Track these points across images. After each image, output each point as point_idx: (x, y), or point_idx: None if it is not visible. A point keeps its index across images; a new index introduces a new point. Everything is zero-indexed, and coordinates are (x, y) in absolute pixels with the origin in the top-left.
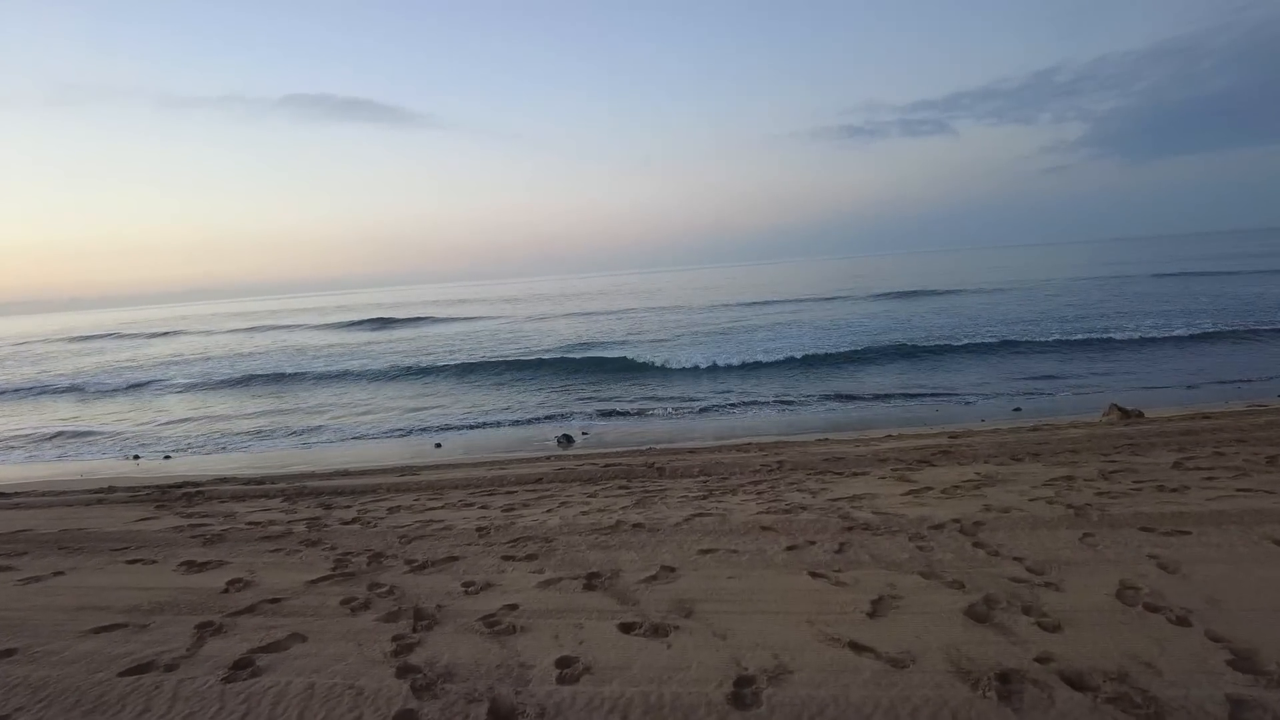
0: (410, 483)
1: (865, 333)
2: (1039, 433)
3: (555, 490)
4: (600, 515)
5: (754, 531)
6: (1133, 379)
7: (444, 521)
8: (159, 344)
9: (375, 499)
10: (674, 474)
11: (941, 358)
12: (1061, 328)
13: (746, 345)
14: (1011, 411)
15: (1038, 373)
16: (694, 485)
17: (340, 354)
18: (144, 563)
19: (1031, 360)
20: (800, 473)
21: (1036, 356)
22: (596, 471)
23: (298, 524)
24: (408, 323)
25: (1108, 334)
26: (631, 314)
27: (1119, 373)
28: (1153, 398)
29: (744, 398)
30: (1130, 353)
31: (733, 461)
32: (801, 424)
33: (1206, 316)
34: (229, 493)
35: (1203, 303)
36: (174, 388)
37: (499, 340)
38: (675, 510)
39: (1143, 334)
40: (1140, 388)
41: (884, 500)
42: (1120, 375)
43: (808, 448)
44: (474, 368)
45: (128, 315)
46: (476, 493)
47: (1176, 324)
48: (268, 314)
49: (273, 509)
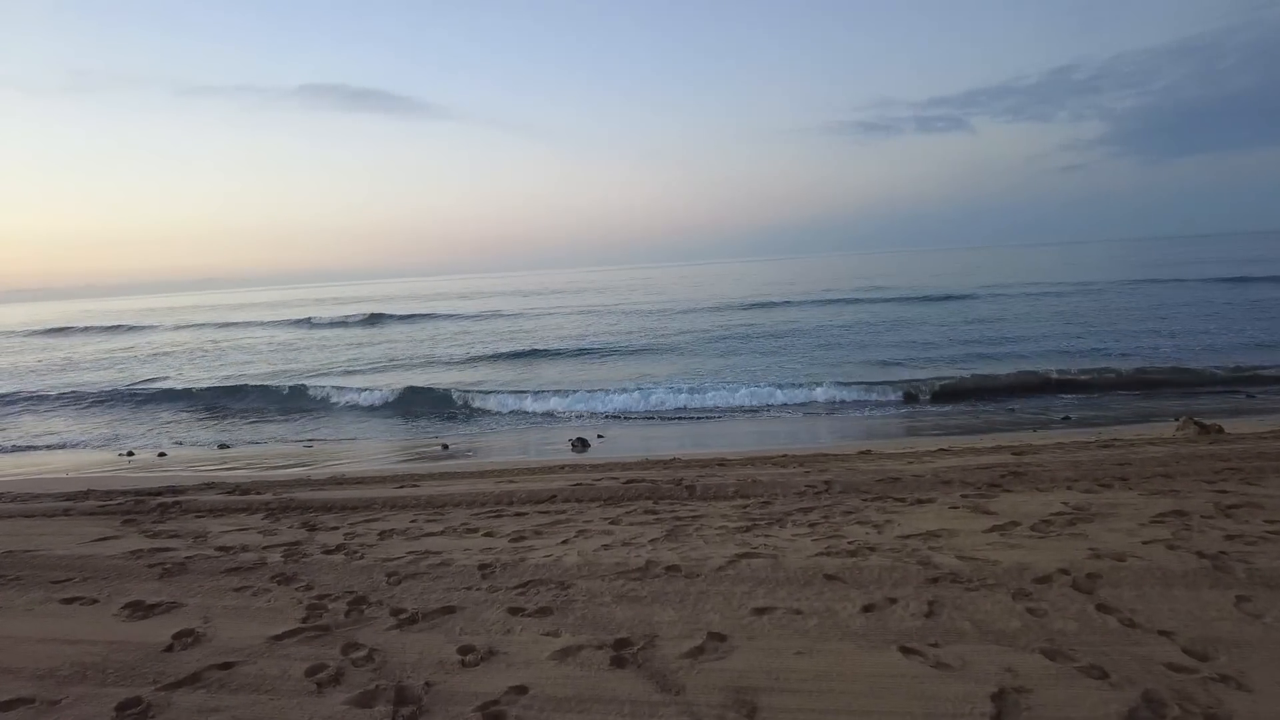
0: (408, 498)
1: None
2: (1114, 450)
3: (571, 512)
4: (626, 551)
5: (817, 581)
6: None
7: (442, 554)
8: (186, 334)
9: (367, 517)
10: (706, 494)
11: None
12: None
13: (780, 347)
14: (1060, 420)
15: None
16: (732, 511)
17: (336, 346)
18: (84, 602)
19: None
20: (854, 497)
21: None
22: (618, 489)
23: (274, 551)
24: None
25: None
26: (650, 313)
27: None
28: (1203, 406)
29: (766, 399)
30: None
31: (771, 480)
32: (838, 431)
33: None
34: (208, 505)
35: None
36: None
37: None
38: (716, 547)
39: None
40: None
41: (966, 539)
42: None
43: (852, 463)
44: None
45: (148, 303)
46: (481, 513)
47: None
48: (269, 306)
49: (251, 528)
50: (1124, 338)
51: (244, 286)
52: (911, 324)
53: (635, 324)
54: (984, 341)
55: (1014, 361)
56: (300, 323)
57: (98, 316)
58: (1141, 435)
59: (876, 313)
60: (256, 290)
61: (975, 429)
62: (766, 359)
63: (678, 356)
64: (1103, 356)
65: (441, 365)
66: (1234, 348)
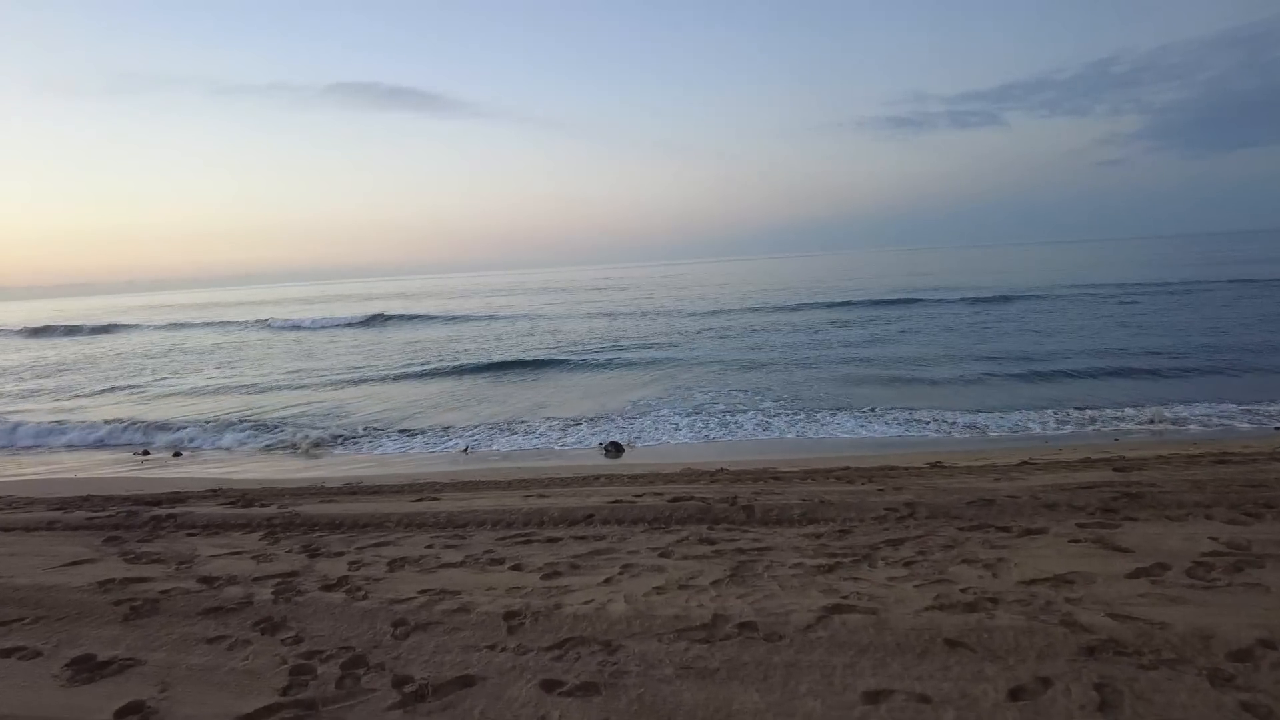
0: (427, 515)
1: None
2: (1234, 466)
3: (612, 539)
4: (684, 597)
5: (937, 649)
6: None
7: (460, 594)
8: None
9: (378, 539)
10: (768, 518)
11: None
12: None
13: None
14: (1114, 433)
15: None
16: (804, 541)
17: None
18: (24, 655)
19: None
20: (946, 524)
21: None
22: (664, 509)
23: (265, 585)
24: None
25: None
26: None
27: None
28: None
29: (806, 401)
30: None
31: (841, 499)
32: (891, 435)
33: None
34: (204, 519)
35: None
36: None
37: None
38: (795, 594)
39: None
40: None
41: (1108, 588)
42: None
43: (928, 479)
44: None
45: (199, 297)
46: (508, 537)
47: None
48: (296, 301)
49: (245, 551)
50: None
51: (285, 283)
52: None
53: (634, 327)
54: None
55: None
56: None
57: (165, 311)
58: (1250, 445)
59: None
60: (302, 285)
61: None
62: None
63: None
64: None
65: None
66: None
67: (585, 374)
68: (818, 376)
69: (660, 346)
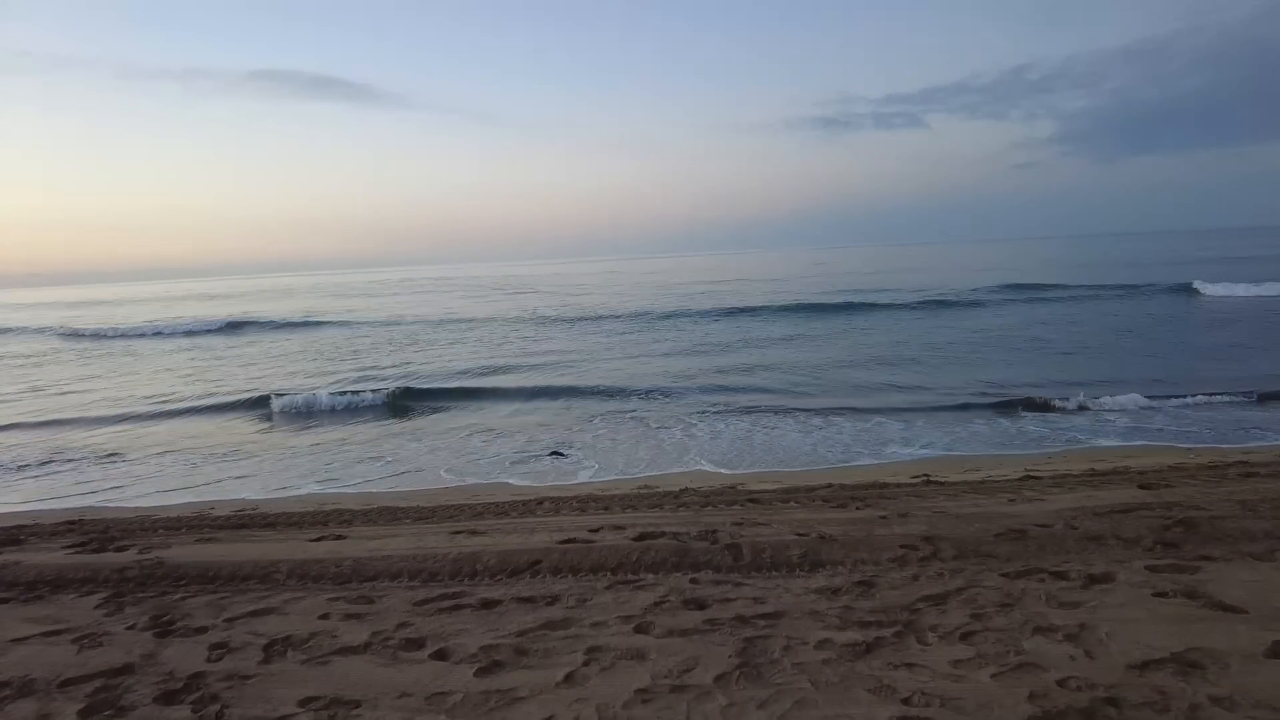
0: (326, 563)
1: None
2: (1266, 481)
3: (568, 601)
4: (684, 710)
5: None
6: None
7: (360, 707)
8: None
9: (258, 602)
10: (760, 560)
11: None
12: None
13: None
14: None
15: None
16: (819, 599)
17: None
18: None
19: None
20: (983, 568)
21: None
22: (628, 550)
23: (73, 697)
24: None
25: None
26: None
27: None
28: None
29: (747, 400)
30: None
31: (844, 534)
32: (853, 449)
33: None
34: (35, 571)
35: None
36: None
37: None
38: (836, 699)
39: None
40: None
41: (1252, 673)
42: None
43: (930, 499)
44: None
45: (116, 291)
46: (430, 600)
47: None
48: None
49: (69, 628)
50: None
51: (196, 277)
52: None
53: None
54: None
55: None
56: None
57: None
58: (1251, 452)
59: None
60: (210, 280)
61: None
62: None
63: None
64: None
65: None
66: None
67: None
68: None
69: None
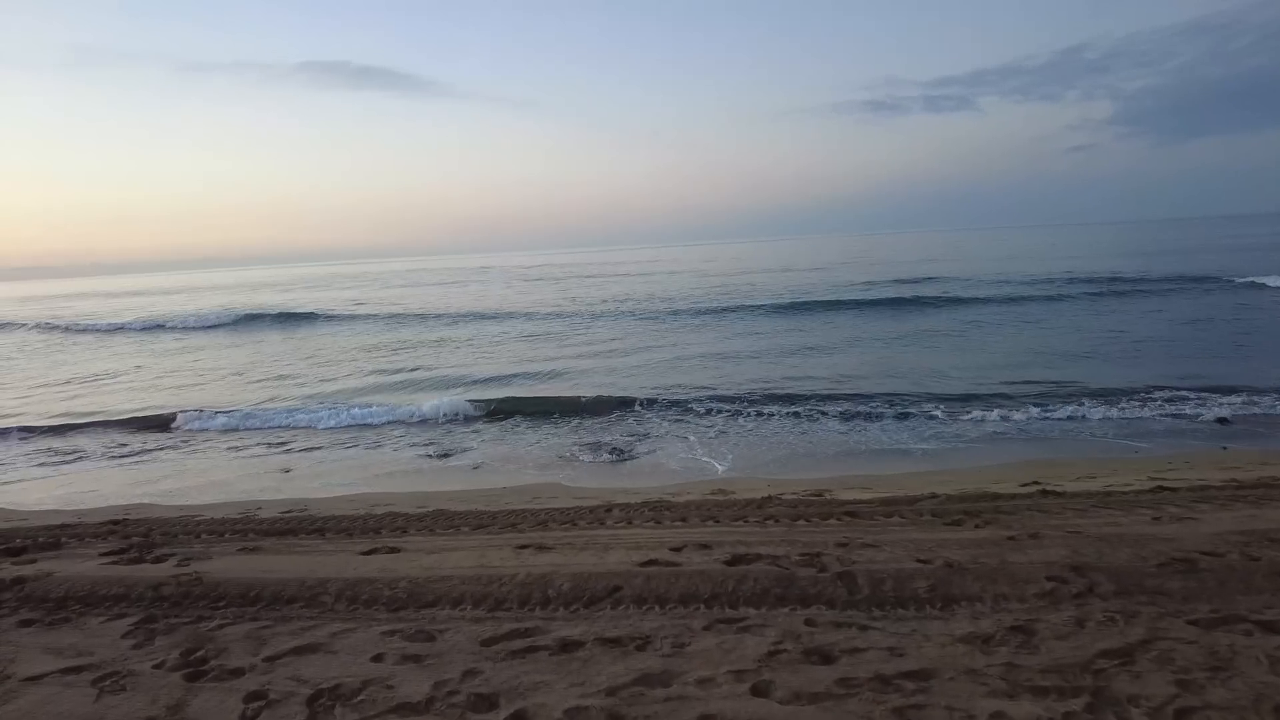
0: (380, 581)
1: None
2: None
3: (661, 645)
4: None
5: None
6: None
7: None
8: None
9: (301, 634)
10: (882, 596)
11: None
12: None
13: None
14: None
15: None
16: (970, 651)
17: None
18: None
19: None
20: (1158, 610)
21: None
22: (721, 577)
23: None
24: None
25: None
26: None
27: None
28: None
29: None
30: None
31: (973, 560)
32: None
33: None
34: (65, 585)
35: None
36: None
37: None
38: None
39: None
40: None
41: None
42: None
43: (1056, 515)
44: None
45: (158, 280)
46: (498, 638)
47: None
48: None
49: (90, 663)
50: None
51: (243, 266)
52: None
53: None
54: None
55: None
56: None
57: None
58: None
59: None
60: (255, 270)
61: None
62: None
63: None
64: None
65: None
66: None
67: None
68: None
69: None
